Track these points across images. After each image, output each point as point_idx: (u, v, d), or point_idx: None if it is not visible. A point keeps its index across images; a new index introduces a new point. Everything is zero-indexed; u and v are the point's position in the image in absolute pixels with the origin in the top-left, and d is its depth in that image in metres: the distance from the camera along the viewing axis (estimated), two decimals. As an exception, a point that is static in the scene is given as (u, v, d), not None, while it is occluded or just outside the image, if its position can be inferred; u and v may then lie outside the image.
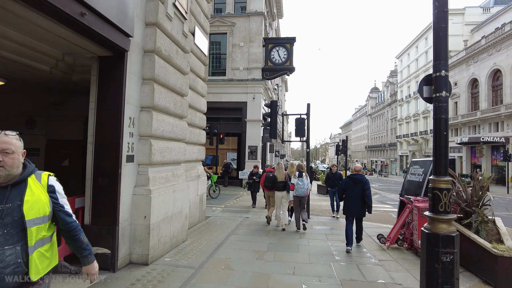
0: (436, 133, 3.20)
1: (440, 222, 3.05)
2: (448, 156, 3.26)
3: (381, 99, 79.40)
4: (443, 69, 3.12)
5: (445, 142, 3.19)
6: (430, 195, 3.26)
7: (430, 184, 3.29)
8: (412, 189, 7.13)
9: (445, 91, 3.10)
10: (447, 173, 3.21)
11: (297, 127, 9.78)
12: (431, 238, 3.05)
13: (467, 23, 44.59)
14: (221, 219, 9.14)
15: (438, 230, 3.01)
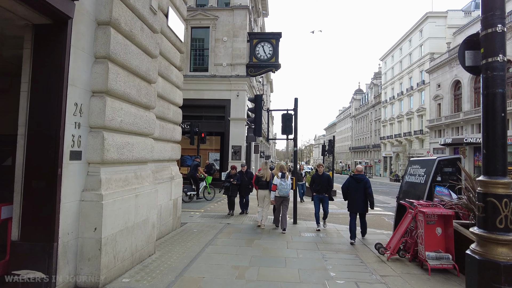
0: (488, 116, 2.34)
1: (498, 244, 2.16)
2: (506, 147, 2.39)
3: (365, 101, 79.91)
4: (498, 23, 2.24)
5: (502, 128, 2.32)
6: (480, 205, 2.37)
7: (480, 189, 2.41)
8: (412, 192, 6.36)
9: (502, 55, 2.21)
10: (506, 173, 2.33)
11: (284, 124, 8.91)
12: (486, 268, 2.15)
13: (450, 26, 45.06)
14: (199, 225, 8.15)
15: (496, 257, 2.11)
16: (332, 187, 9.26)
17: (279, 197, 7.91)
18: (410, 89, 51.32)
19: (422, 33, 47.53)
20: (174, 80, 7.32)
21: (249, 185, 9.91)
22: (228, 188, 10.03)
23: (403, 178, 7.01)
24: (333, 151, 18.84)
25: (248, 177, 10.04)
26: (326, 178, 8.37)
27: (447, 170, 5.99)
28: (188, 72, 19.04)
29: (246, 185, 9.95)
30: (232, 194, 10.04)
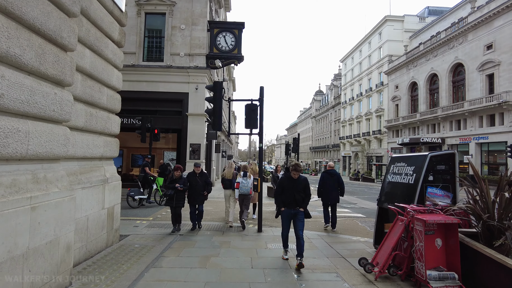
0: None
1: None
2: None
3: (325, 102, 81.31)
4: None
5: None
6: None
7: None
8: (399, 194, 5.40)
9: None
10: None
11: (248, 116, 7.66)
12: None
13: (406, 30, 46.68)
14: (144, 239, 6.64)
15: None
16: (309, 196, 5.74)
17: (241, 194, 8.32)
18: (369, 90, 52.57)
19: (381, 36, 48.81)
20: (109, 56, 5.77)
21: (204, 190, 7.75)
22: (171, 198, 7.44)
23: (385, 178, 6.06)
24: (298, 150, 17.99)
25: (202, 181, 7.77)
26: (302, 184, 5.85)
27: (439, 167, 5.10)
28: (141, 61, 17.18)
29: (200, 191, 7.66)
30: (178, 205, 7.47)
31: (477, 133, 29.31)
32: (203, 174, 7.99)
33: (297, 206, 5.41)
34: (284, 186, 5.54)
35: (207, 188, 7.89)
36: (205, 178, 7.95)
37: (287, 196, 5.42)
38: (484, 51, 28.87)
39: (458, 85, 33.22)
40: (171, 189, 7.46)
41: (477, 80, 29.78)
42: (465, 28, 30.69)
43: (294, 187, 5.45)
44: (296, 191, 5.42)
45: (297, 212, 5.44)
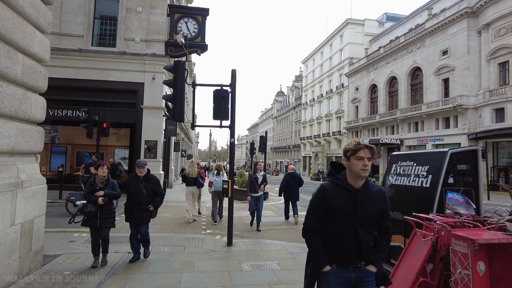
0: None
1: None
2: None
3: (287, 103, 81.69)
4: None
5: None
6: None
7: None
8: (408, 200, 4.39)
9: None
10: None
11: (217, 104, 6.29)
12: None
13: (367, 34, 47.81)
14: (79, 260, 5.02)
15: None
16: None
17: (215, 191, 8.86)
18: (329, 92, 53.22)
19: (343, 38, 49.55)
20: (26, 10, 4.12)
21: (149, 203, 5.18)
22: (91, 215, 4.73)
23: (385, 180, 5.04)
24: (266, 149, 16.87)
25: (148, 188, 5.20)
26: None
27: (460, 167, 4.15)
28: (90, 46, 15.02)
29: (143, 203, 5.11)
30: (104, 224, 4.79)
31: (434, 134, 30.33)
32: (150, 179, 5.28)
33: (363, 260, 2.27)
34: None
35: (155, 199, 5.24)
36: (153, 185, 5.27)
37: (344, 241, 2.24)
38: (440, 56, 29.95)
39: (416, 88, 34.31)
40: (92, 203, 4.72)
41: (433, 84, 30.85)
42: (423, 33, 31.70)
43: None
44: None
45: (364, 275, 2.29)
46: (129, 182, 5.25)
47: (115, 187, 4.97)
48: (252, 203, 8.16)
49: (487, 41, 25.95)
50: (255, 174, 8.33)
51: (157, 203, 5.28)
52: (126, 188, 5.20)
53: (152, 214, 5.28)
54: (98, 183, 4.89)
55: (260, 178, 8.27)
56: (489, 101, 25.08)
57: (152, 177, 5.34)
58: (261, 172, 8.48)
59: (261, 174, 8.42)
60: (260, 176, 8.32)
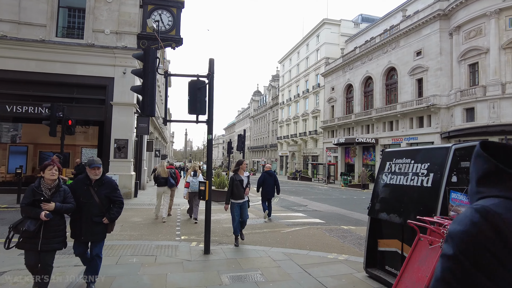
0: None
1: None
2: None
3: (264, 102, 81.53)
4: None
5: None
6: None
7: None
8: (406, 201, 3.97)
9: None
10: None
11: (193, 97, 5.67)
12: None
13: (343, 34, 48.30)
14: (26, 280, 4.24)
15: None
16: None
17: (191, 192, 9.02)
18: (306, 91, 53.41)
19: (319, 38, 49.81)
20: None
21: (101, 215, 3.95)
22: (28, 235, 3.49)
23: (378, 179, 4.63)
24: (244, 148, 16.32)
25: (102, 195, 3.95)
26: None
27: (464, 165, 3.79)
28: (54, 37, 13.88)
29: (95, 214, 3.92)
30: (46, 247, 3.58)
31: (408, 133, 30.90)
32: (104, 183, 3.99)
33: None
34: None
35: (111, 210, 4.00)
36: (109, 191, 3.99)
37: None
38: (414, 57, 30.55)
39: (391, 88, 34.89)
40: (33, 219, 3.48)
41: (408, 84, 31.43)
42: (398, 34, 32.25)
43: None
44: None
45: None
46: (76, 187, 3.90)
47: (68, 196, 3.71)
48: (235, 212, 6.31)
49: (458, 43, 26.67)
50: (238, 175, 6.53)
51: (113, 215, 3.96)
52: (74, 195, 3.82)
53: (108, 228, 4.02)
54: (45, 190, 3.59)
55: (245, 180, 6.58)
56: (460, 101, 25.77)
57: (107, 180, 4.03)
58: (246, 173, 6.76)
59: (246, 175, 6.70)
60: (244, 177, 6.59)
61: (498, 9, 23.66)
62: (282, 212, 11.28)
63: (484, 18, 24.44)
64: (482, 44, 24.57)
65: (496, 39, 23.78)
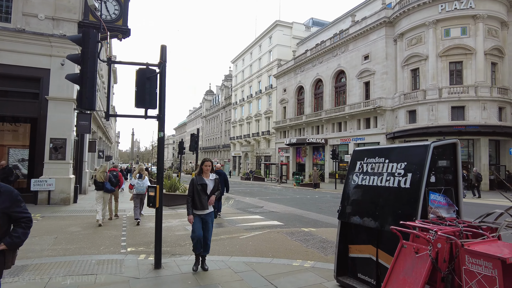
0: None
1: None
2: None
3: (216, 102, 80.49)
4: None
5: None
6: None
7: None
8: (381, 203, 3.68)
9: None
10: None
11: (141, 89, 4.91)
12: None
13: (294, 37, 49.24)
14: None
15: None
16: None
17: (137, 194, 9.27)
18: (259, 92, 53.59)
19: (272, 40, 50.22)
20: None
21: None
22: None
23: (348, 180, 4.31)
24: (197, 147, 15.51)
25: None
26: None
27: (441, 163, 3.59)
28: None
29: None
30: None
31: (356, 134, 32.21)
32: (2, 194, 2.57)
33: None
34: None
35: (12, 232, 2.60)
36: (9, 205, 2.58)
37: None
38: (362, 61, 31.94)
39: (340, 90, 36.15)
40: None
41: (356, 87, 32.77)
42: (347, 38, 33.50)
43: None
44: None
45: None
46: None
47: None
48: (196, 226, 4.81)
49: (401, 49, 28.37)
50: (201, 178, 4.96)
51: (17, 239, 2.57)
52: None
53: (5, 259, 2.60)
54: None
55: (211, 185, 5.00)
56: (403, 103, 27.40)
57: (4, 190, 2.60)
58: (212, 175, 5.13)
59: (212, 179, 5.08)
60: (210, 181, 5.02)
61: (435, 20, 25.55)
62: (239, 215, 10.75)
63: (424, 27, 26.26)
64: (422, 51, 26.38)
65: (434, 47, 25.65)
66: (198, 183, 4.89)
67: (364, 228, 3.90)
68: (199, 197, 4.84)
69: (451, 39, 25.27)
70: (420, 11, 26.33)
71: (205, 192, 4.90)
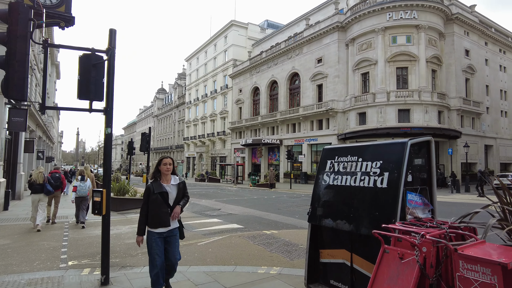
0: None
1: None
2: None
3: (169, 101, 77.94)
4: None
5: None
6: None
7: None
8: (355, 205, 3.44)
9: None
10: None
11: (85, 77, 4.22)
12: None
13: (250, 38, 49.23)
14: None
15: None
16: None
17: (79, 197, 8.96)
18: (214, 92, 52.76)
19: (227, 40, 49.71)
20: None
21: None
22: None
23: (318, 180, 4.04)
24: (149, 148, 14.53)
25: None
26: None
27: (417, 162, 3.46)
28: None
29: None
30: None
31: (309, 135, 32.93)
32: None
33: None
34: None
35: None
36: None
37: None
38: (316, 64, 32.75)
39: (294, 92, 36.76)
40: None
41: (309, 89, 33.52)
42: (301, 41, 34.15)
43: None
44: None
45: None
46: None
47: None
48: (156, 249, 3.55)
49: (353, 53, 29.53)
50: (159, 184, 3.67)
51: None
52: None
53: None
54: None
55: (174, 192, 3.73)
56: (354, 106, 28.52)
57: None
58: (174, 178, 3.80)
59: (175, 183, 3.77)
60: (172, 187, 3.73)
61: (384, 27, 26.96)
62: (195, 219, 10.15)
63: (373, 33, 27.58)
64: (372, 56, 27.68)
65: (382, 53, 27.04)
66: (155, 192, 3.58)
67: (337, 231, 3.65)
68: (157, 209, 3.57)
69: (398, 46, 26.83)
70: (370, 18, 27.61)
71: (165, 202, 3.62)
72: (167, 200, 3.66)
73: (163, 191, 3.63)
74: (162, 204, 3.61)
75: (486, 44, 33.31)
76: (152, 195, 3.60)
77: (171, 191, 3.70)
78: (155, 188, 3.61)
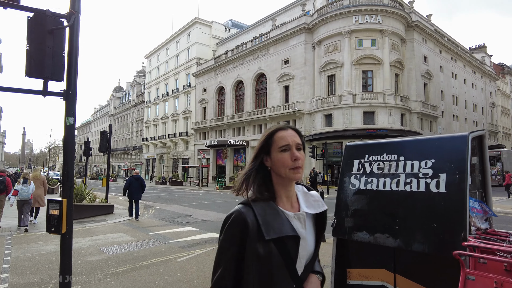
0: None
1: None
2: None
3: (126, 99, 74.09)
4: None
5: None
6: None
7: None
8: (402, 215, 2.75)
9: None
10: None
11: (37, 46, 3.13)
12: None
13: (214, 36, 48.05)
14: None
15: None
16: None
17: (21, 200, 8.72)
18: (176, 90, 50.81)
19: (190, 37, 48.11)
20: None
21: None
22: None
23: (343, 184, 3.31)
24: (109, 147, 13.02)
25: None
26: None
27: (473, 161, 2.85)
28: None
29: None
30: None
31: (276, 137, 32.49)
32: None
33: None
34: None
35: None
36: None
37: None
38: (282, 65, 32.49)
39: (261, 93, 36.24)
40: None
41: (276, 90, 33.18)
42: (268, 42, 33.75)
43: None
44: None
45: None
46: None
47: None
48: None
49: (319, 55, 29.62)
50: (276, 212, 1.22)
51: None
52: None
53: None
54: None
55: (310, 238, 1.30)
56: (321, 107, 28.58)
57: None
58: (305, 196, 1.36)
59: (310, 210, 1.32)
60: (307, 220, 1.30)
61: (350, 30, 27.30)
62: (166, 228, 9.01)
63: (340, 36, 27.85)
64: (338, 59, 27.92)
65: (348, 56, 27.36)
66: (267, 236, 1.17)
67: (374, 247, 2.94)
68: None
69: (363, 49, 27.31)
70: (336, 21, 27.85)
71: (291, 270, 1.18)
72: (295, 260, 1.25)
73: (290, 235, 1.22)
74: (283, 270, 1.21)
75: (440, 52, 35.26)
76: (258, 244, 1.18)
77: (305, 233, 1.29)
78: (267, 225, 1.19)
